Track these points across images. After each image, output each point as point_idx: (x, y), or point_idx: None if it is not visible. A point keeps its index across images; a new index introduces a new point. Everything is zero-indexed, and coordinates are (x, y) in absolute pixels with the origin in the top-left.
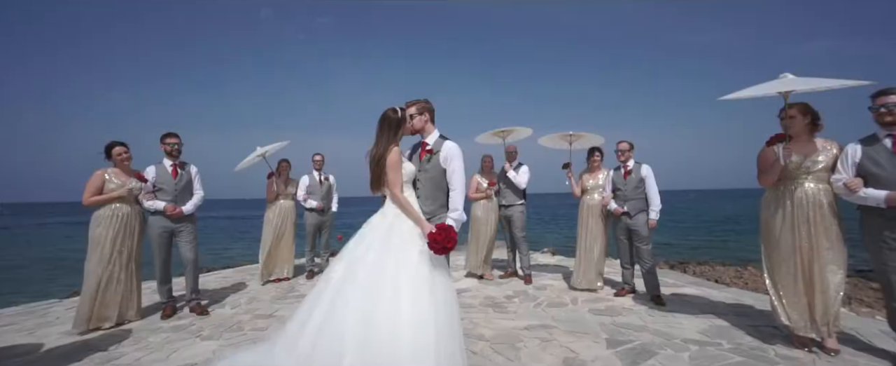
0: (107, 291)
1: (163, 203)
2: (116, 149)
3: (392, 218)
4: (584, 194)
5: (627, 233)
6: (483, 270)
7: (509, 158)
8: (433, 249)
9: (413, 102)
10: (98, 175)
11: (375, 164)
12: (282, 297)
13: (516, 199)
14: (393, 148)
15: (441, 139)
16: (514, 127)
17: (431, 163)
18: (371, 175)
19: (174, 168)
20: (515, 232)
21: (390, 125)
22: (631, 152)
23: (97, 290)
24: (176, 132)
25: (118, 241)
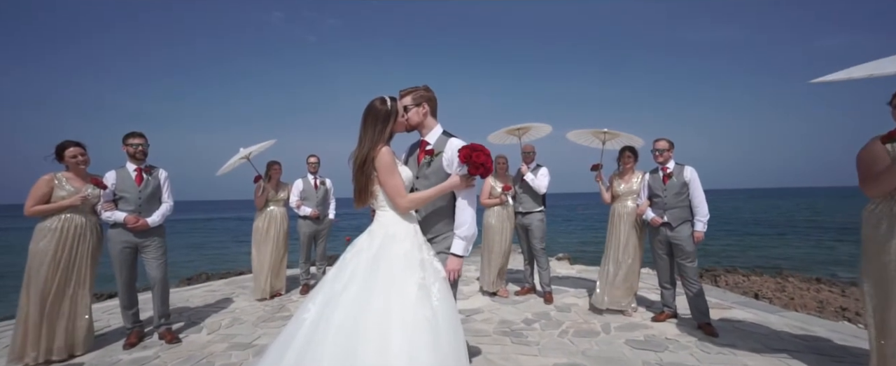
0: (50, 318)
1: (123, 214)
2: (71, 150)
3: (382, 239)
4: (616, 201)
5: (668, 247)
6: (497, 287)
7: (526, 158)
8: (473, 172)
9: (408, 90)
10: (45, 180)
11: (359, 169)
12: (269, 318)
13: (535, 205)
14: (381, 147)
15: (445, 137)
16: (532, 124)
17: (433, 167)
18: (354, 185)
19: (139, 173)
20: (534, 243)
21: (377, 120)
22: (670, 152)
23: (40, 316)
24: (141, 131)
25: (65, 257)
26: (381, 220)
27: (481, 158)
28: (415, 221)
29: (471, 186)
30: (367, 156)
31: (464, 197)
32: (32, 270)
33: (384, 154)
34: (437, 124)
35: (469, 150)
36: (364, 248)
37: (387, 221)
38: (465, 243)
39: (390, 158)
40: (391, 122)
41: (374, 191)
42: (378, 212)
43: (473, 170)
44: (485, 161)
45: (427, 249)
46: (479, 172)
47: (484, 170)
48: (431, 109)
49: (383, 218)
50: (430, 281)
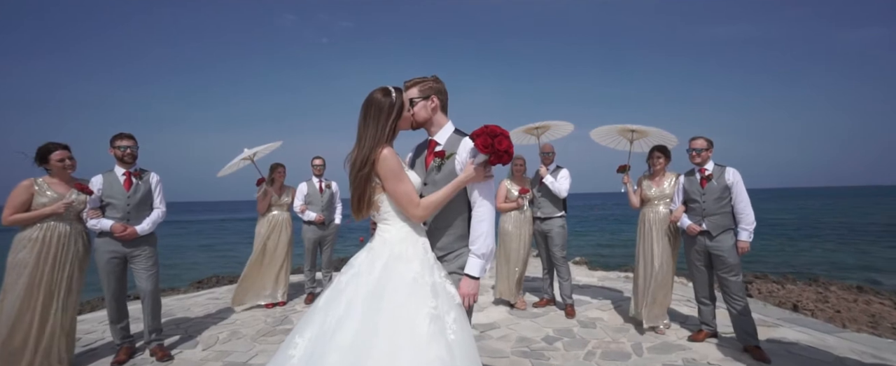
0: (28, 333)
1: (110, 222)
2: (57, 153)
3: (386, 261)
4: (646, 205)
5: (707, 259)
6: (515, 298)
7: (545, 159)
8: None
9: (415, 80)
10: (24, 186)
11: (357, 173)
12: (270, 331)
13: (555, 210)
14: (383, 147)
15: (457, 136)
16: (551, 122)
17: (443, 172)
18: (352, 192)
19: (128, 177)
20: (554, 251)
21: (380, 114)
22: (709, 152)
23: (18, 332)
24: (129, 133)
25: (47, 269)
26: (384, 235)
27: (504, 143)
28: (424, 235)
29: (489, 179)
30: (368, 158)
31: (482, 198)
32: (9, 284)
33: (388, 156)
34: (448, 121)
35: (488, 136)
36: (363, 271)
37: (391, 236)
38: (482, 263)
39: (396, 161)
40: (395, 116)
41: (377, 201)
42: (380, 225)
43: (495, 158)
44: (508, 147)
45: (439, 269)
46: (502, 160)
47: (507, 157)
48: (441, 102)
49: (387, 233)
50: (443, 309)
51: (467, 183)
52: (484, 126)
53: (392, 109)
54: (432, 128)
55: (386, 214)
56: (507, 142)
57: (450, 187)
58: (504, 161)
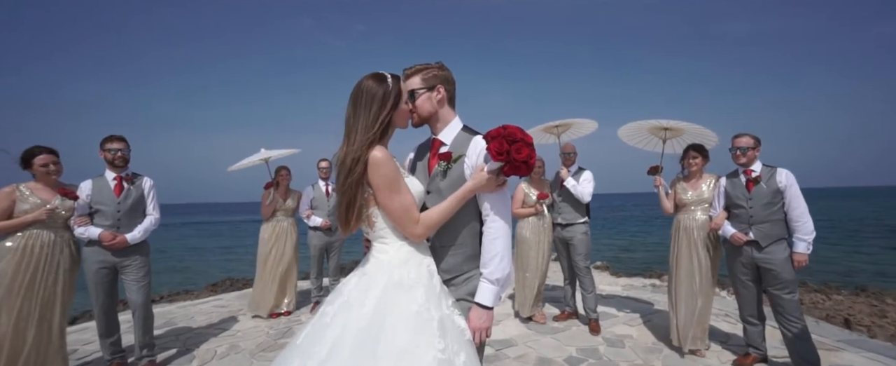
0: (12, 349)
1: (98, 230)
2: (41, 157)
3: (382, 290)
4: (681, 211)
5: (754, 272)
6: (533, 311)
7: (566, 160)
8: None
9: (417, 67)
10: (5, 193)
11: (345, 177)
12: (270, 345)
13: (577, 215)
14: (375, 147)
15: (467, 134)
16: (573, 120)
17: (450, 178)
18: (339, 201)
19: (118, 182)
20: (576, 260)
21: (371, 104)
22: (756, 151)
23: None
24: (121, 135)
25: (28, 280)
26: (379, 257)
27: (524, 151)
28: (428, 254)
29: (502, 189)
30: (358, 158)
31: (494, 213)
32: None
33: (382, 160)
34: (456, 117)
35: (504, 140)
36: (354, 301)
37: (389, 258)
38: (495, 289)
39: (392, 166)
40: (390, 108)
41: (370, 214)
42: (375, 244)
43: (511, 169)
44: (528, 156)
45: (446, 297)
46: (520, 172)
47: (526, 169)
48: (448, 94)
49: (383, 254)
50: (452, 351)
51: (476, 192)
52: (502, 127)
53: (387, 100)
54: (437, 125)
55: (381, 230)
56: (527, 150)
57: (455, 199)
58: (521, 172)
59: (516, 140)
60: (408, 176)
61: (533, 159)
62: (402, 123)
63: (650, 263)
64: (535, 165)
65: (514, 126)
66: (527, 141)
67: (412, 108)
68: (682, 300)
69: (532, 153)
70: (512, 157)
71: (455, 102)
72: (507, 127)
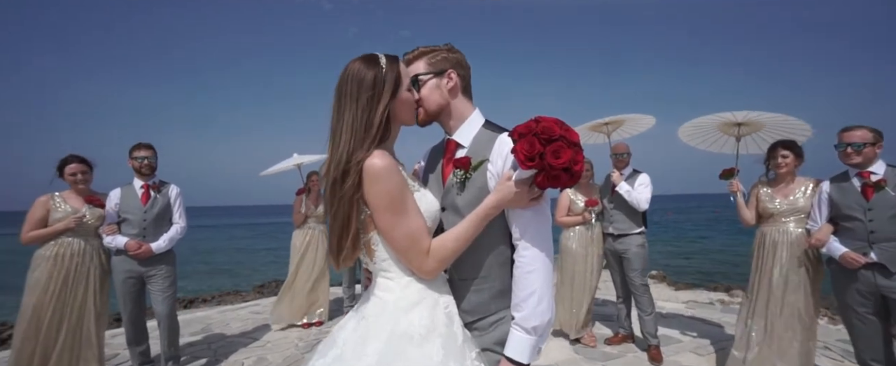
0: (44, 356)
1: (125, 239)
2: (70, 166)
3: (386, 340)
4: (767, 222)
5: (879, 304)
6: (581, 332)
7: (618, 162)
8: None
9: (420, 50)
10: (40, 202)
11: (331, 195)
12: (298, 359)
13: (631, 225)
14: (371, 152)
15: (490, 132)
16: (626, 116)
17: (470, 190)
18: (331, 223)
19: (145, 190)
20: (632, 276)
21: (357, 94)
22: (877, 148)
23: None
24: (148, 143)
25: (60, 288)
26: (382, 296)
27: (564, 154)
28: (446, 291)
29: (537, 205)
30: (347, 167)
31: (527, 239)
32: (26, 304)
33: (381, 169)
34: (475, 110)
35: (536, 139)
36: (349, 356)
37: (395, 299)
38: (532, 341)
39: (396, 178)
40: (385, 98)
41: (368, 240)
42: (377, 278)
43: (547, 181)
44: (570, 162)
45: (470, 349)
46: (559, 183)
47: (569, 178)
48: (462, 81)
49: (387, 293)
50: None
51: (501, 209)
52: (533, 120)
53: (380, 87)
54: (451, 121)
55: (384, 262)
56: (569, 153)
57: (474, 219)
58: (562, 183)
59: (554, 139)
60: (419, 190)
61: (578, 166)
62: (406, 118)
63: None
64: (581, 172)
65: (552, 119)
66: (569, 139)
67: (417, 98)
68: (771, 331)
69: (577, 157)
70: (547, 162)
71: (471, 91)
72: (540, 121)
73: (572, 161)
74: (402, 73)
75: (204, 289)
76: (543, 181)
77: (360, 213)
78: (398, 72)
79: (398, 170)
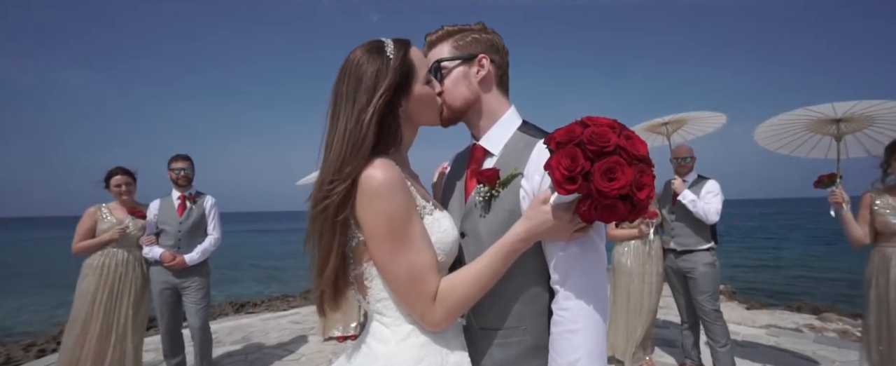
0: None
1: (161, 250)
2: (116, 178)
3: None
4: (886, 241)
5: None
6: (637, 360)
7: (680, 167)
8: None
9: (446, 30)
10: (89, 213)
11: (318, 216)
12: None
13: (698, 240)
14: (373, 162)
15: (526, 136)
16: (688, 114)
17: (498, 212)
18: (312, 254)
19: (182, 201)
20: (699, 299)
21: (356, 90)
22: None
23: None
24: (186, 154)
25: (106, 297)
26: (375, 348)
27: (622, 176)
28: (458, 345)
29: (584, 237)
30: (335, 184)
31: (568, 284)
32: (74, 312)
33: (380, 183)
34: (510, 108)
35: (580, 149)
36: None
37: (389, 353)
38: None
39: (400, 196)
40: (389, 93)
41: (361, 274)
42: (372, 323)
43: (595, 211)
44: (630, 186)
45: None
46: (616, 216)
47: (628, 210)
48: (496, 70)
49: (382, 344)
50: None
51: (534, 242)
52: (578, 123)
53: (382, 81)
54: (480, 121)
55: (379, 302)
56: (629, 173)
57: (498, 254)
58: (620, 215)
59: (606, 151)
60: (431, 212)
61: (645, 192)
62: (425, 117)
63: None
64: (649, 201)
65: (606, 121)
66: (632, 152)
67: (439, 92)
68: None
69: (643, 178)
70: (595, 186)
71: (508, 83)
72: (589, 123)
73: (635, 185)
74: (415, 62)
75: (254, 294)
76: (589, 212)
77: (349, 238)
78: (410, 60)
79: (404, 186)
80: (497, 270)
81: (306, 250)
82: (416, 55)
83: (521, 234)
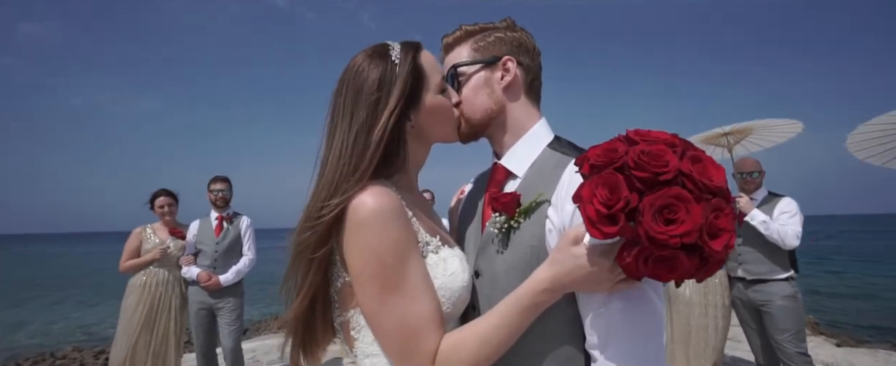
0: None
1: (198, 270)
2: (159, 200)
3: None
4: None
5: None
6: None
7: (746, 184)
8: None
9: (465, 30)
10: (135, 234)
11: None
12: None
13: (773, 268)
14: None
15: (556, 154)
16: (754, 122)
17: (517, 249)
18: (292, 296)
19: (219, 222)
20: (779, 339)
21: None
22: None
23: None
24: (224, 176)
25: (146, 314)
26: None
27: (687, 217)
28: None
29: (630, 288)
30: (321, 213)
31: (609, 353)
32: (119, 328)
33: (372, 212)
34: (539, 120)
35: (622, 176)
36: None
37: None
38: None
39: (396, 229)
40: (400, 106)
41: (347, 321)
42: None
43: (646, 266)
44: (696, 231)
45: None
46: (677, 273)
47: (696, 266)
48: (525, 75)
49: None
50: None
51: (561, 293)
52: (622, 138)
53: (390, 88)
54: (504, 136)
55: (368, 358)
56: (696, 212)
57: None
58: (683, 272)
59: (663, 179)
60: (437, 250)
61: (723, 239)
62: (439, 132)
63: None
64: (727, 254)
65: (662, 136)
66: (702, 182)
67: (456, 103)
68: None
69: (719, 221)
70: (645, 230)
71: (539, 91)
72: (636, 138)
73: (706, 230)
74: (426, 68)
75: None
76: (636, 265)
77: (334, 277)
78: (419, 66)
79: (401, 217)
80: (514, 327)
81: (283, 291)
82: (428, 60)
83: (545, 282)
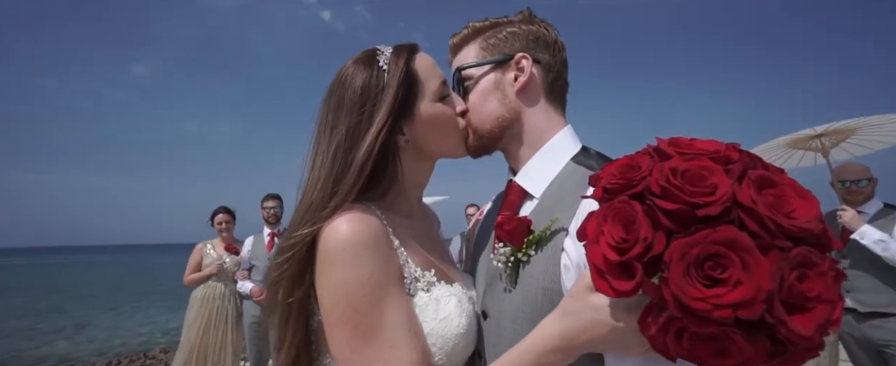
0: None
1: (251, 285)
2: (218, 217)
3: None
4: None
5: None
6: None
7: (852, 195)
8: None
9: (473, 27)
10: (198, 249)
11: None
12: None
13: (891, 295)
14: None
15: (582, 167)
16: (856, 121)
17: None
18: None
19: (271, 238)
20: None
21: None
22: None
23: None
24: (276, 193)
25: (204, 327)
26: None
27: (750, 274)
28: None
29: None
30: (294, 250)
31: None
32: (182, 338)
33: (341, 240)
34: (563, 129)
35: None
36: None
37: None
38: None
39: (372, 262)
40: (388, 118)
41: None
42: None
43: (685, 344)
44: (777, 301)
45: None
46: (734, 358)
47: (769, 353)
48: (544, 74)
49: None
50: None
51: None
52: (648, 151)
53: (376, 98)
54: (520, 148)
55: None
56: (764, 267)
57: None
58: (741, 358)
59: (704, 215)
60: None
61: (813, 317)
62: (441, 145)
63: None
64: (823, 336)
65: (708, 147)
66: (772, 220)
67: (461, 112)
68: None
69: (810, 282)
70: (675, 294)
71: (564, 93)
72: (669, 151)
73: (783, 300)
74: (420, 73)
75: None
76: (663, 339)
77: (310, 314)
78: (412, 71)
79: (379, 248)
80: None
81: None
82: (424, 64)
83: (555, 339)
